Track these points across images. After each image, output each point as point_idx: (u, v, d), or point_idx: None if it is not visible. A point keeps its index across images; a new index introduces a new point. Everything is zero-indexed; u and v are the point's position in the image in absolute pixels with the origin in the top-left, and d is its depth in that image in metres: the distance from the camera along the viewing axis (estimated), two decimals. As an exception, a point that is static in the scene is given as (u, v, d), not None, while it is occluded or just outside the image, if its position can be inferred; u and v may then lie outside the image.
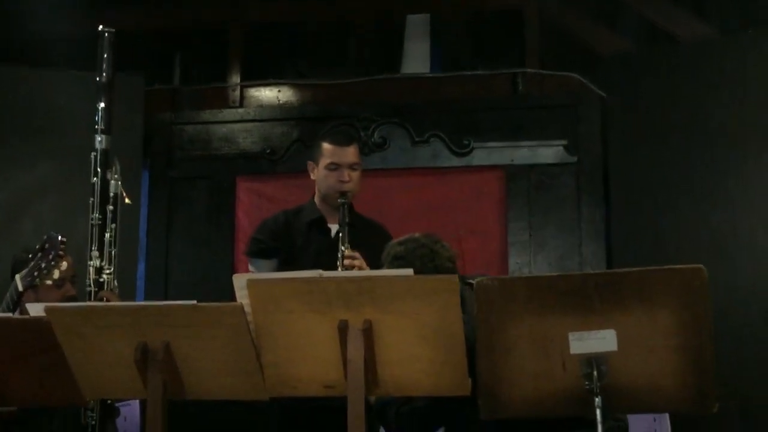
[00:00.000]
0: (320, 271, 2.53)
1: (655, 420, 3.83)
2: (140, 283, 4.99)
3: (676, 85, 4.56)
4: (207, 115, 5.26)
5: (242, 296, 2.52)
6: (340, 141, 3.63)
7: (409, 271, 2.45)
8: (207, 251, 5.02)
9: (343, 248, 3.38)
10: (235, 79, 5.34)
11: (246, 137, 5.18)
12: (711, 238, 4.32)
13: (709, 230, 4.34)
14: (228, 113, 5.25)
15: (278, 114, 5.23)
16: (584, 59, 5.25)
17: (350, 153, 3.60)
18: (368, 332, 2.41)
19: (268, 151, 5.09)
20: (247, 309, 2.47)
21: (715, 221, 4.35)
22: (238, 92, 5.31)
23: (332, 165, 3.56)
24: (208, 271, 4.89)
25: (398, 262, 2.88)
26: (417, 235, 2.99)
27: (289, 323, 2.46)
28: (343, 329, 2.41)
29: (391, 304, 2.40)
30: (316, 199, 3.68)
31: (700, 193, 4.40)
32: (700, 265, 2.28)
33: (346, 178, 3.55)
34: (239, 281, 2.61)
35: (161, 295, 4.92)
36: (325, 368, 2.47)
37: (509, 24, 5.49)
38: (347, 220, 3.46)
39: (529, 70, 5.06)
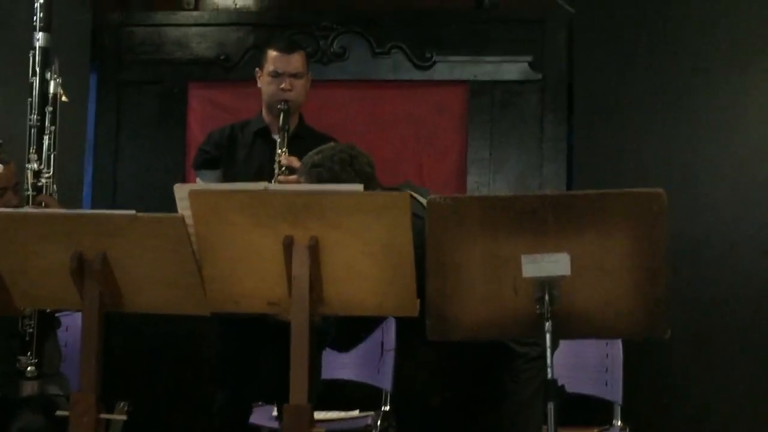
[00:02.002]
0: (266, 184, 2.47)
1: (607, 345, 3.84)
2: (87, 189, 4.87)
3: (644, 3, 4.47)
4: (159, 16, 5.06)
5: (183, 207, 2.46)
6: (284, 48, 3.62)
7: (359, 187, 2.37)
8: (157, 158, 4.89)
9: (279, 152, 3.35)
10: (190, -21, 5.14)
11: (200, 42, 5.00)
12: (675, 161, 4.30)
13: (672, 153, 4.32)
14: (182, 16, 5.05)
15: (234, 19, 5.05)
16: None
17: (294, 60, 3.58)
18: (314, 249, 2.35)
19: (222, 57, 4.93)
20: (189, 221, 2.40)
21: (679, 144, 4.33)
22: (192, -7, 5.13)
23: (274, 72, 3.55)
24: (157, 178, 4.75)
25: (316, 169, 2.86)
26: (332, 143, 3.00)
27: (233, 237, 2.39)
28: (288, 245, 2.35)
29: (339, 220, 2.34)
30: (263, 110, 3.66)
31: (666, 115, 4.36)
32: (660, 189, 2.24)
33: (287, 86, 3.53)
34: (181, 191, 2.53)
35: (109, 201, 4.81)
36: (269, 284, 2.42)
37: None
38: (287, 126, 3.44)
39: (495, -18, 4.93)
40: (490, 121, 4.80)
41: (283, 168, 3.35)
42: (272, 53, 3.60)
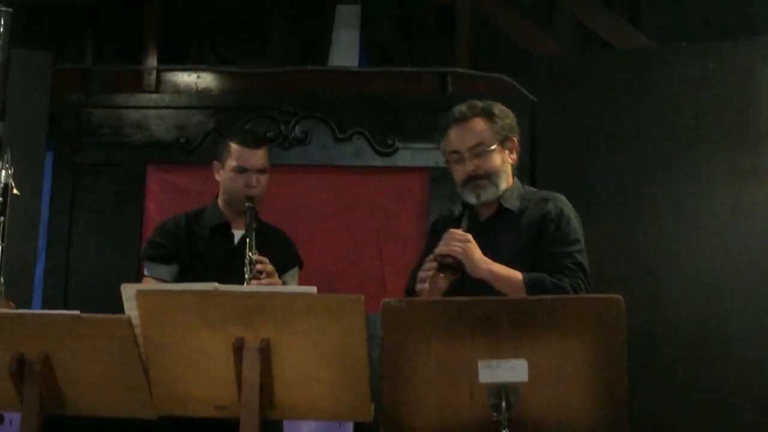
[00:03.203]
0: (216, 284, 2.41)
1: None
2: (39, 280, 4.77)
3: (607, 92, 4.53)
4: (119, 98, 5.05)
5: (131, 307, 2.40)
6: (249, 142, 3.47)
7: (313, 289, 2.33)
8: (112, 244, 4.82)
9: (250, 254, 3.23)
10: (152, 62, 5.14)
11: (159, 124, 4.99)
12: (636, 252, 4.30)
13: (635, 243, 4.33)
14: (142, 98, 5.05)
15: (195, 101, 5.05)
16: (516, 61, 5.21)
17: (259, 156, 3.44)
18: (265, 351, 2.31)
19: (182, 140, 4.91)
20: (136, 321, 2.35)
21: (641, 233, 4.34)
22: (153, 76, 5.12)
23: (239, 168, 3.41)
24: (112, 266, 4.69)
25: None
26: None
27: (181, 338, 2.35)
28: (238, 347, 2.31)
29: (292, 322, 2.31)
30: (220, 202, 3.53)
31: (627, 203, 4.38)
32: (618, 296, 2.22)
33: (254, 183, 3.40)
34: (127, 291, 2.47)
35: (61, 292, 4.73)
36: (217, 388, 2.37)
37: (442, 20, 5.42)
38: (254, 225, 3.32)
39: (459, 69, 4.98)
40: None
41: (257, 272, 3.21)
42: (236, 147, 3.42)
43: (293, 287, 2.66)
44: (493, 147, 3.04)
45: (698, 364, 4.09)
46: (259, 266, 3.24)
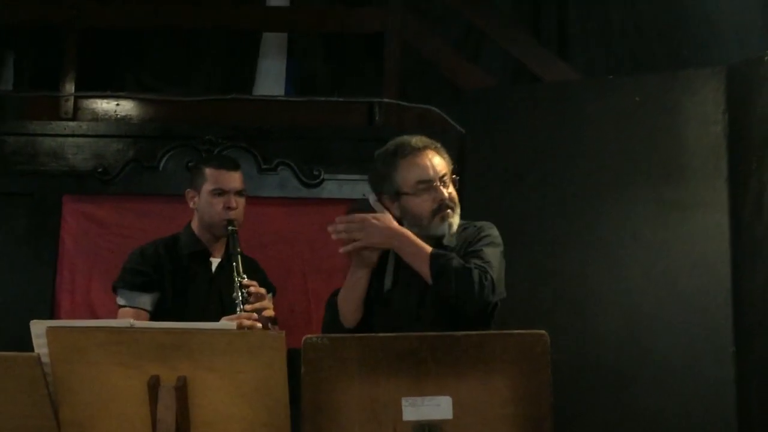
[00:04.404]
0: (131, 321, 2.38)
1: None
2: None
3: (535, 124, 4.59)
4: (34, 126, 4.96)
5: (40, 345, 2.35)
6: (227, 165, 3.60)
7: (232, 324, 2.32)
8: (25, 278, 4.70)
9: (239, 279, 3.29)
10: (69, 88, 5.06)
11: (76, 153, 4.91)
12: (562, 286, 4.34)
13: (561, 277, 4.37)
14: (57, 126, 4.96)
15: (114, 130, 4.99)
16: (446, 92, 5.26)
17: (236, 178, 3.57)
18: (182, 390, 2.29)
19: (100, 169, 4.83)
20: (46, 359, 2.31)
21: (567, 267, 4.38)
22: (71, 103, 5.04)
23: (218, 190, 3.51)
24: (24, 301, 4.58)
25: None
26: None
27: (94, 377, 2.31)
28: (153, 386, 2.29)
29: (210, 359, 2.30)
30: (196, 230, 3.59)
31: (554, 236, 4.43)
32: (542, 331, 2.25)
33: (234, 205, 3.50)
34: (37, 328, 2.42)
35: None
36: (132, 429, 2.34)
37: (370, 50, 5.46)
38: (239, 249, 3.39)
39: (386, 100, 5.01)
40: (378, 241, 4.80)
41: (246, 294, 3.28)
42: (213, 171, 3.54)
43: (212, 323, 2.63)
44: (451, 180, 3.10)
45: (625, 400, 4.14)
46: (252, 289, 3.31)
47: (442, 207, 3.03)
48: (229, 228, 3.45)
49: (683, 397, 4.06)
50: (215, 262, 3.58)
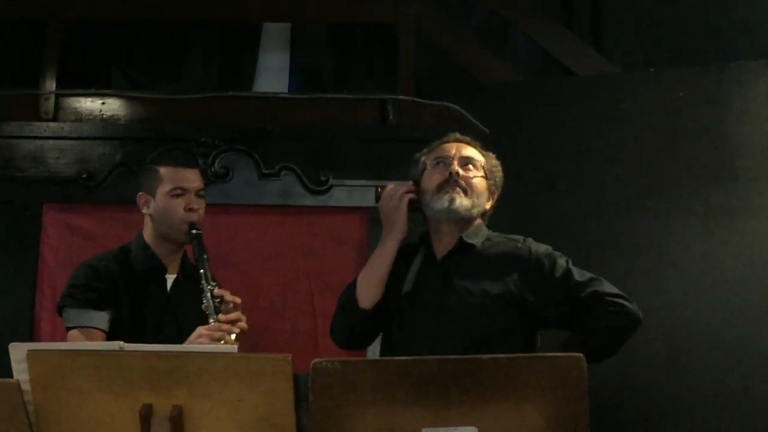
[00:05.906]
0: (121, 343, 2.38)
1: None
2: None
3: (566, 122, 4.59)
4: (11, 127, 4.97)
5: (20, 370, 2.35)
6: (183, 162, 3.54)
7: (234, 348, 2.32)
8: (2, 296, 4.72)
9: (209, 287, 3.26)
10: (50, 85, 5.08)
11: (58, 157, 4.93)
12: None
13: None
14: (37, 127, 4.97)
15: (99, 131, 4.99)
16: (466, 88, 5.26)
17: (196, 176, 3.51)
18: (177, 420, 2.29)
19: (84, 175, 4.85)
20: (27, 386, 2.31)
21: (604, 278, 4.36)
22: (52, 102, 5.05)
23: (177, 190, 3.44)
24: (1, 322, 4.60)
25: None
26: None
27: (79, 405, 2.32)
28: (145, 415, 2.29)
29: (208, 386, 2.29)
30: (149, 240, 3.51)
31: (589, 245, 4.41)
32: (579, 354, 2.23)
33: (195, 205, 3.44)
34: (17, 352, 2.42)
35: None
36: (121, 462, 2.33)
37: (382, 42, 5.46)
38: (205, 255, 3.34)
39: (400, 96, 5.00)
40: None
41: (219, 302, 3.24)
42: (169, 170, 3.47)
43: (212, 346, 2.63)
44: (481, 173, 3.18)
45: (671, 427, 4.13)
46: (227, 297, 3.28)
47: (448, 181, 3.12)
48: (193, 232, 3.38)
49: (739, 421, 4.04)
50: (170, 279, 3.50)
